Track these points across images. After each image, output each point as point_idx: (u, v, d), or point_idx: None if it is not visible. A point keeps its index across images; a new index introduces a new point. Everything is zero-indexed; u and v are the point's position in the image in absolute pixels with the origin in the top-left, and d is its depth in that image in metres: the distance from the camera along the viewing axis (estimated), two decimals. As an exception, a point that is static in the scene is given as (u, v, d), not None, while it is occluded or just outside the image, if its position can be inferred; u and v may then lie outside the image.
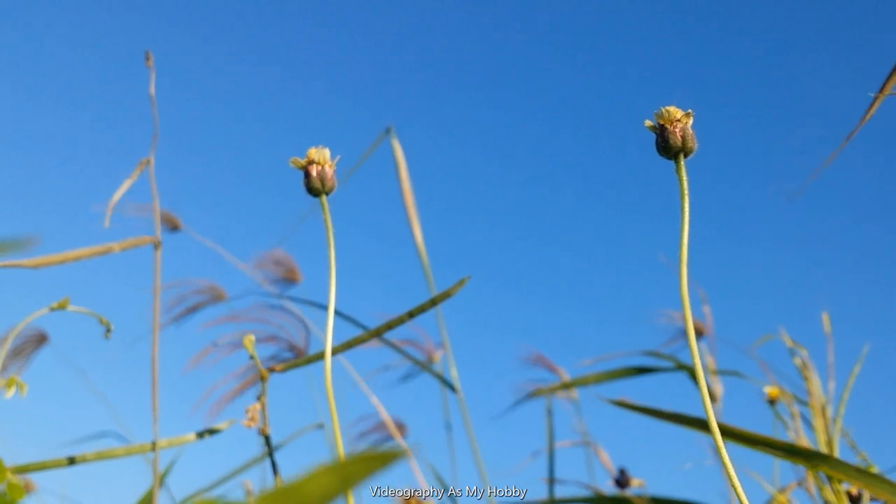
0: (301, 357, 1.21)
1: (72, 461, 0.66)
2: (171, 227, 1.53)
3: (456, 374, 1.25)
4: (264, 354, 1.19)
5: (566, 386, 1.18)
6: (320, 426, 1.37)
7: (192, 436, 0.67)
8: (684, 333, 1.91)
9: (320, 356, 0.65)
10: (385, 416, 1.29)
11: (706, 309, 1.99)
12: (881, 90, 0.73)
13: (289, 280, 1.74)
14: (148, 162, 0.71)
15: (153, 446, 0.64)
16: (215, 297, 1.52)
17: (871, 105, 0.73)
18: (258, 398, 0.64)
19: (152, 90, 0.72)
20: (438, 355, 1.32)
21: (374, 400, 1.32)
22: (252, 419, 0.63)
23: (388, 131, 1.33)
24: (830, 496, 1.18)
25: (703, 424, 0.81)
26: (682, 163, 0.54)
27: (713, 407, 1.73)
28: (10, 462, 1.33)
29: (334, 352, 0.68)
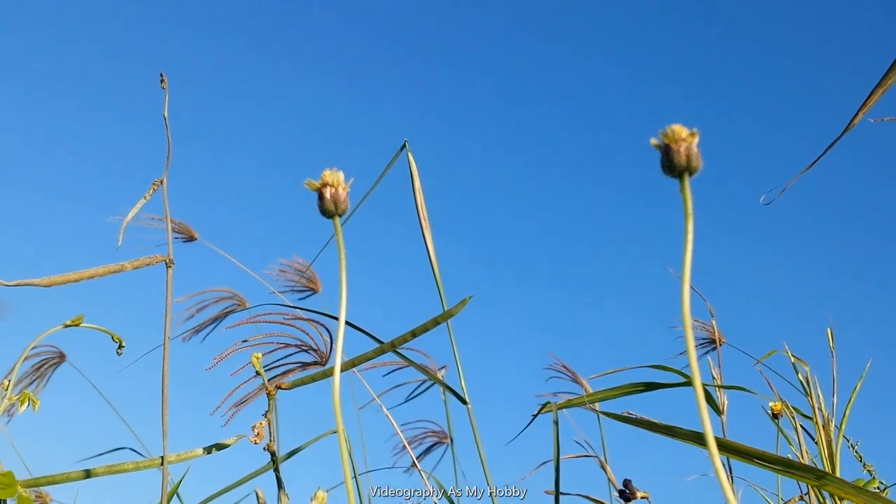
0: (321, 365, 1.20)
1: (83, 475, 0.65)
2: (187, 237, 1.52)
3: (465, 385, 1.24)
4: (286, 358, 1.18)
5: (572, 404, 1.17)
6: (333, 432, 1.36)
7: (199, 451, 0.67)
8: (701, 342, 1.90)
9: (326, 374, 0.64)
10: (396, 428, 1.28)
11: (713, 323, 1.97)
12: (864, 104, 0.72)
13: (309, 289, 1.73)
14: (161, 182, 0.71)
15: (162, 461, 0.63)
16: (238, 304, 1.51)
17: (852, 119, 0.72)
18: (264, 415, 0.63)
19: (166, 112, 0.71)
20: (442, 373, 1.31)
21: (386, 412, 1.32)
22: (258, 435, 0.62)
23: (403, 146, 1.33)
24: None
25: (699, 438, 0.80)
26: (687, 182, 0.53)
27: (718, 419, 1.71)
28: (24, 476, 1.33)
29: (344, 367, 0.67)
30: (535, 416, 1.48)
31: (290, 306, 1.40)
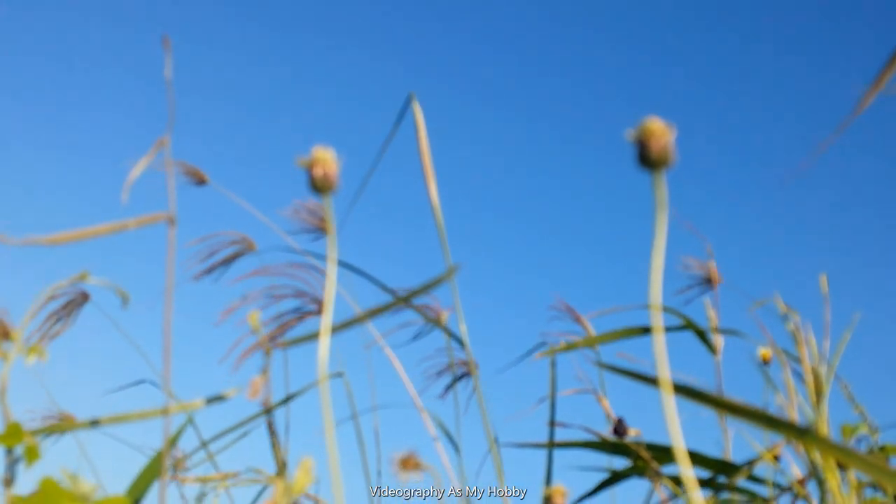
0: (321, 313, 1.21)
1: (89, 424, 0.67)
2: (198, 181, 1.52)
3: (465, 328, 1.24)
4: (289, 309, 1.19)
5: (570, 347, 1.17)
6: (340, 374, 1.38)
7: (200, 402, 0.68)
8: (700, 283, 1.89)
9: (316, 336, 0.65)
10: (402, 373, 1.30)
11: (712, 264, 1.96)
12: (874, 85, 0.70)
13: (320, 230, 1.73)
14: (164, 142, 0.70)
15: (164, 411, 0.65)
16: (247, 248, 1.51)
17: (864, 98, 0.70)
18: (262, 371, 0.64)
19: (168, 73, 0.71)
20: (445, 316, 1.32)
21: (390, 352, 1.33)
22: (255, 391, 0.63)
23: (410, 99, 1.31)
24: (817, 456, 1.17)
25: (686, 391, 0.80)
26: (660, 176, 0.51)
27: (714, 360, 1.72)
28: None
29: (337, 329, 0.68)
30: (531, 352, 1.49)
31: (299, 253, 1.40)
